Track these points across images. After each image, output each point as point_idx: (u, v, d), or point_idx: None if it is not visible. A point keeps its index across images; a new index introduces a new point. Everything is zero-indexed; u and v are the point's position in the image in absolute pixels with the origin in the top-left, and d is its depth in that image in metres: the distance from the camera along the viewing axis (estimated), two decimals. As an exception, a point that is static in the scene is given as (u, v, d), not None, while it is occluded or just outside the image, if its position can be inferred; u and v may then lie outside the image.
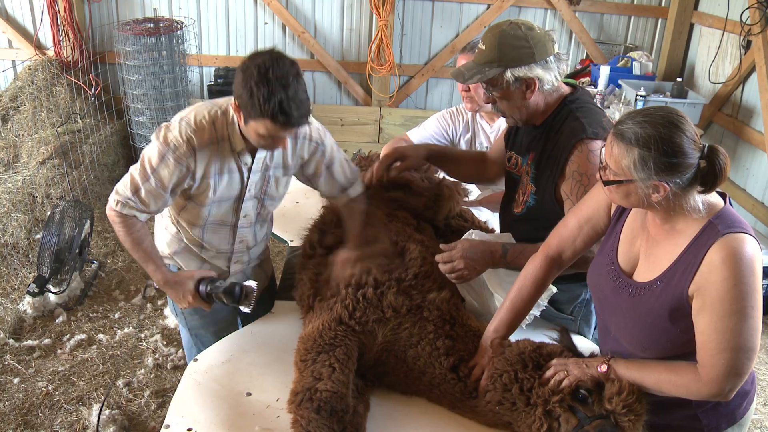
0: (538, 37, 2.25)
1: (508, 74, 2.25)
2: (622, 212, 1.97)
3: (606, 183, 1.80)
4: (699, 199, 1.73)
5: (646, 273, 1.87)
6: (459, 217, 2.80)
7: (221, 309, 2.60)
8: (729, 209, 1.77)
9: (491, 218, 3.16)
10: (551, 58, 2.27)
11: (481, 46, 2.31)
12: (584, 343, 2.38)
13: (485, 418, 2.02)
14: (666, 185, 1.68)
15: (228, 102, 2.35)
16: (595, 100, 2.50)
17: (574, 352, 1.99)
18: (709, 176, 1.68)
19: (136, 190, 2.31)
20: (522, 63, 2.24)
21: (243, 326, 2.86)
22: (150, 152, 2.30)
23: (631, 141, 1.69)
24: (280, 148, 2.38)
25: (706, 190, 1.71)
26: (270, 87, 2.06)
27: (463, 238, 2.47)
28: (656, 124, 1.68)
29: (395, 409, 2.10)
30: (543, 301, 2.36)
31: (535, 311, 2.34)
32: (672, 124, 1.67)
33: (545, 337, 2.20)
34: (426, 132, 3.38)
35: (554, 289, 2.37)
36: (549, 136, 2.36)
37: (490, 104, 2.43)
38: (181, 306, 2.46)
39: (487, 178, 2.93)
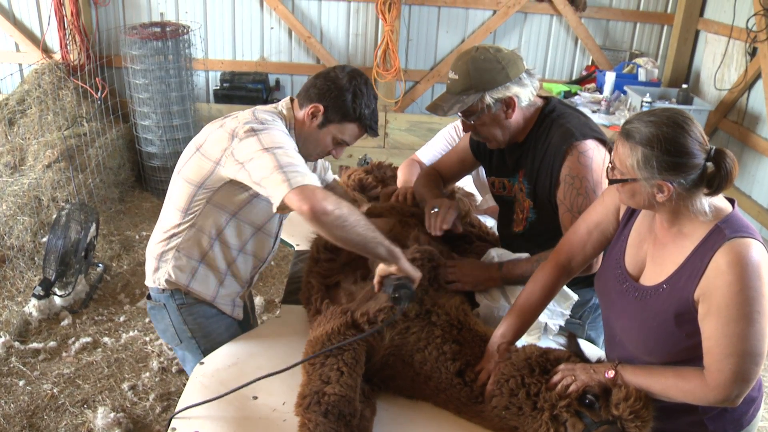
0: (508, 56, 2.28)
1: (488, 98, 2.27)
2: (630, 216, 1.97)
3: (611, 181, 1.82)
4: (705, 202, 1.73)
5: (652, 277, 1.87)
6: (467, 223, 2.81)
7: (231, 324, 2.60)
8: (737, 214, 1.77)
9: (494, 225, 3.18)
10: (523, 74, 2.30)
11: (453, 75, 2.31)
12: (591, 349, 2.37)
13: (491, 423, 2.01)
14: (670, 185, 1.69)
15: (269, 112, 2.36)
16: (574, 104, 2.51)
17: (582, 358, 1.99)
18: (716, 179, 1.69)
19: (289, 164, 2.07)
20: (498, 84, 2.26)
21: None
22: (260, 140, 2.14)
23: (636, 140, 1.71)
24: None
25: (712, 192, 1.72)
26: (368, 97, 2.34)
27: (483, 257, 2.51)
28: (661, 124, 1.69)
29: (401, 413, 2.09)
30: (566, 310, 2.35)
31: (560, 320, 2.33)
32: (677, 125, 1.69)
33: (552, 342, 2.20)
34: (435, 150, 3.36)
35: (575, 297, 2.37)
36: (537, 149, 2.38)
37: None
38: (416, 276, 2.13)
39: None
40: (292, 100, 2.46)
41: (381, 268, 2.15)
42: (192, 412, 2.03)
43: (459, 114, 2.35)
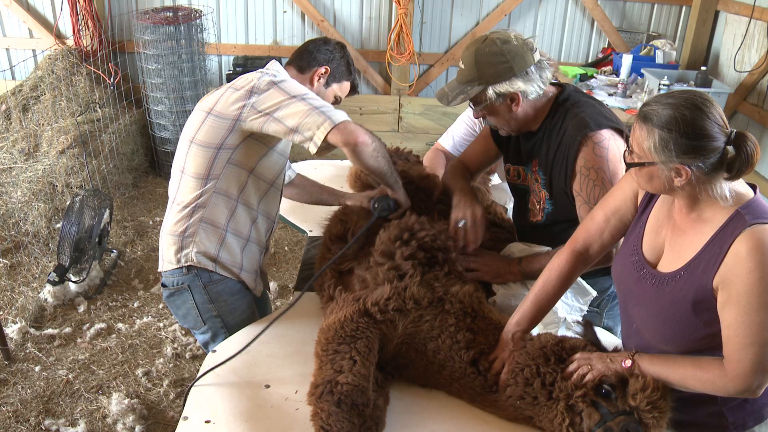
0: (515, 49, 2.21)
1: (490, 91, 2.24)
2: (648, 202, 1.93)
3: (629, 165, 1.78)
4: (726, 187, 1.69)
5: (670, 263, 1.83)
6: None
7: (251, 303, 2.65)
8: (759, 200, 1.72)
9: (498, 182, 3.26)
10: (531, 68, 2.24)
11: (461, 65, 2.30)
12: (608, 338, 2.34)
13: (506, 413, 1.99)
14: (688, 169, 1.64)
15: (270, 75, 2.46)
16: (588, 92, 2.46)
17: (598, 347, 1.96)
18: (736, 163, 1.64)
19: (323, 105, 2.29)
20: (502, 79, 2.22)
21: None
22: (283, 90, 2.30)
23: (654, 123, 1.66)
24: None
25: (733, 176, 1.67)
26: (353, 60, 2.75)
27: (502, 252, 2.49)
28: (679, 106, 1.64)
29: (415, 402, 2.08)
30: (585, 306, 2.32)
31: (576, 316, 2.30)
32: (695, 107, 1.64)
33: (568, 330, 2.17)
34: (456, 135, 3.29)
35: (594, 293, 2.34)
36: (551, 139, 2.34)
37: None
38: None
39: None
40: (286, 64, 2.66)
41: (382, 188, 2.56)
42: (203, 401, 2.03)
43: (469, 102, 2.33)
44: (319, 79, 2.61)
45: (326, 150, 2.28)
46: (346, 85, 2.73)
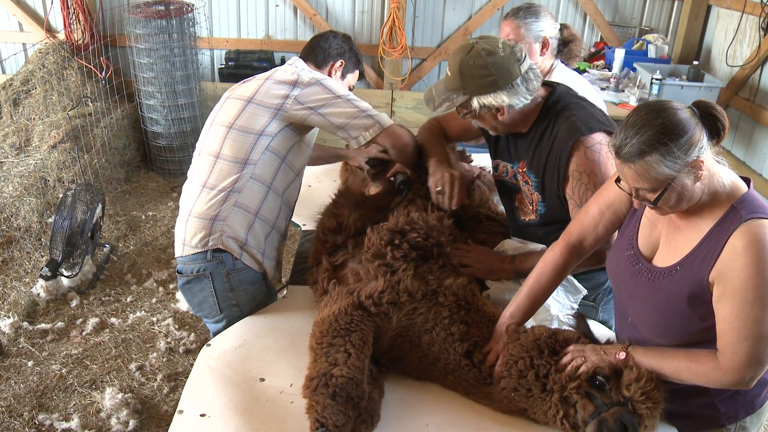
0: (500, 61, 2.18)
1: (475, 102, 2.24)
2: (643, 197, 1.94)
3: (653, 203, 1.72)
4: (724, 172, 1.72)
5: (666, 258, 1.84)
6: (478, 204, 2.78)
7: (266, 293, 2.67)
8: (753, 194, 1.73)
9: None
10: (517, 81, 2.21)
11: (448, 71, 2.29)
12: (601, 330, 2.35)
13: (500, 405, 1.99)
14: (700, 158, 1.65)
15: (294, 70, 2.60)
16: (578, 93, 2.44)
17: (591, 339, 1.97)
18: (715, 128, 1.68)
19: (367, 108, 2.53)
20: (486, 92, 2.21)
21: None
22: (327, 88, 2.50)
23: (644, 152, 1.64)
24: None
25: (719, 140, 1.70)
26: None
27: (496, 248, 2.48)
28: (651, 123, 1.65)
29: (409, 395, 2.08)
30: (575, 304, 2.32)
31: (569, 312, 2.30)
32: (662, 110, 1.66)
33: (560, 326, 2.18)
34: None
35: (584, 291, 2.34)
36: (542, 143, 2.33)
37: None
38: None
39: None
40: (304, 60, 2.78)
41: (399, 166, 2.78)
42: (199, 394, 2.03)
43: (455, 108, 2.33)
44: (336, 72, 2.81)
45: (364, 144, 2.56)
46: (356, 74, 2.95)
